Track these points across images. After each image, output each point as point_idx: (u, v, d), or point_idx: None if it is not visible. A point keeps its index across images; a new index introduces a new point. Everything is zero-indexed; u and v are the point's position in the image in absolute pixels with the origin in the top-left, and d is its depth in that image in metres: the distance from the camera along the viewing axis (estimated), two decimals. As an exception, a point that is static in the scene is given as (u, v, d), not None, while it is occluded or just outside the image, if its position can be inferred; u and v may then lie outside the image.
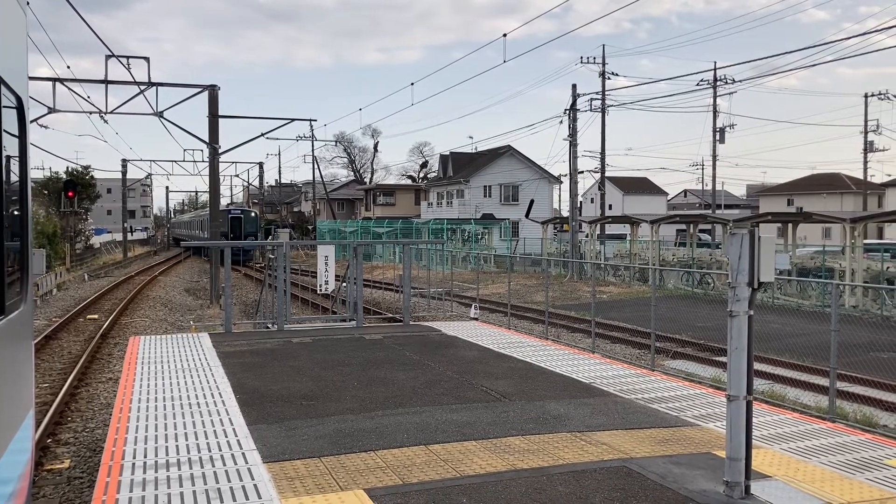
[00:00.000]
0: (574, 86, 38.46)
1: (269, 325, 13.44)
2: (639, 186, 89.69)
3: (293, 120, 34.41)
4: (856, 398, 12.03)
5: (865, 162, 54.77)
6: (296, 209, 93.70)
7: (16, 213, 4.41)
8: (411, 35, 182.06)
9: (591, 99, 43.27)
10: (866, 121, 53.51)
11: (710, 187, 53.58)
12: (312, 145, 51.60)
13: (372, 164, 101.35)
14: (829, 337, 10.56)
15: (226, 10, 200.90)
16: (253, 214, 53.85)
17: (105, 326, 20.47)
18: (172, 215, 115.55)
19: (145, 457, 5.61)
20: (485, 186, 63.21)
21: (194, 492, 4.91)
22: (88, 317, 23.44)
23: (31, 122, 5.62)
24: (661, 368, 14.34)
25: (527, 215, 52.61)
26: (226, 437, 6.15)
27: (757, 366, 11.08)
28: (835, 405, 10.62)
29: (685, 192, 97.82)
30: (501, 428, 6.40)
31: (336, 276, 13.93)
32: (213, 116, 28.93)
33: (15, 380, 4.14)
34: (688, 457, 5.69)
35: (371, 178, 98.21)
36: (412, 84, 33.99)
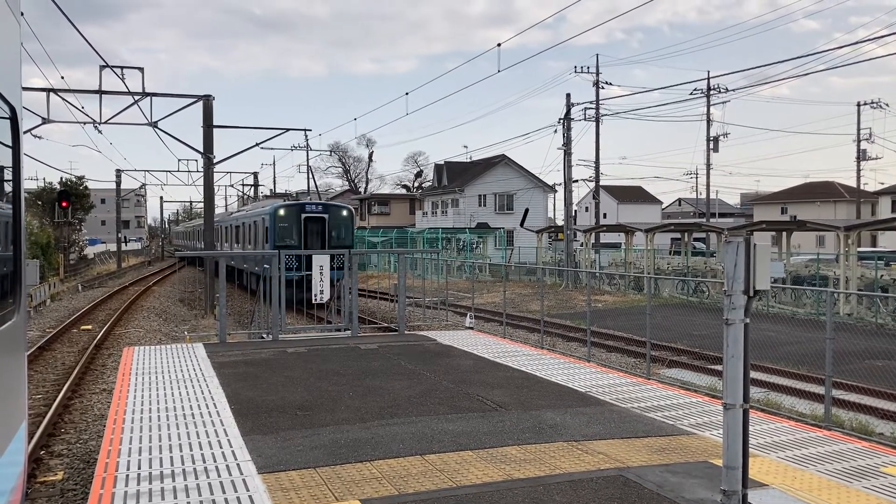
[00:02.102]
0: (568, 95, 38.61)
1: (264, 335, 13.40)
2: (633, 195, 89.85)
3: (288, 130, 34.34)
4: (851, 406, 12.03)
5: (858, 170, 55.07)
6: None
7: (9, 223, 4.39)
8: (405, 45, 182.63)
9: (585, 108, 43.39)
10: (859, 129, 53.81)
11: (704, 196, 53.75)
12: (307, 155, 50.24)
13: (367, 173, 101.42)
14: (824, 345, 10.57)
15: (219, 20, 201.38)
16: (345, 213, 30.85)
17: (99, 337, 20.38)
18: (167, 225, 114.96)
19: (139, 468, 5.57)
20: (479, 195, 63.28)
21: (189, 503, 4.88)
22: (82, 327, 23.35)
23: (25, 132, 5.61)
24: (657, 377, 14.33)
25: (521, 224, 52.66)
26: (220, 447, 6.11)
27: (752, 374, 11.09)
28: (830, 413, 10.62)
29: (679, 200, 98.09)
30: (497, 437, 6.38)
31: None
32: (208, 126, 28.94)
33: (8, 391, 4.11)
34: (684, 465, 5.67)
35: (366, 188, 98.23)
36: (406, 94, 34.03)
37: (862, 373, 13.53)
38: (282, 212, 29.47)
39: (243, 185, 61.51)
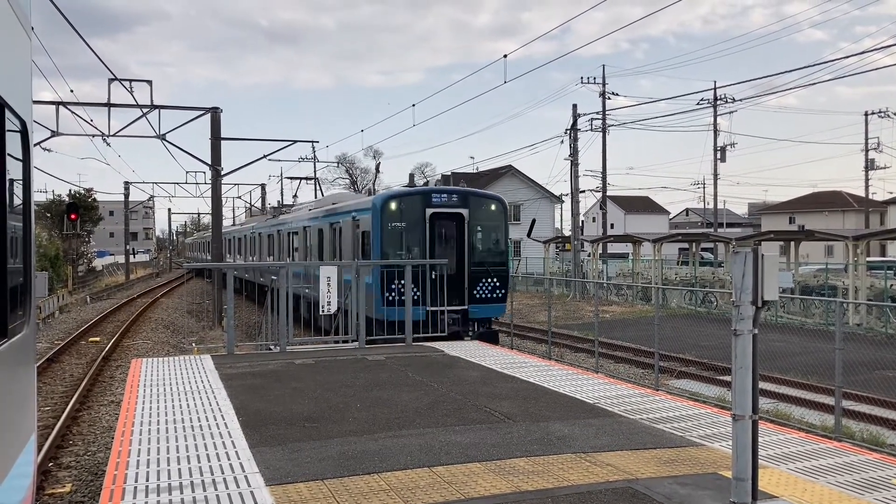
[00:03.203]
0: (574, 106, 38.70)
1: (272, 347, 13.41)
2: (640, 205, 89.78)
3: (295, 142, 34.45)
4: (862, 417, 11.96)
5: (867, 179, 54.97)
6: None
7: (19, 235, 4.42)
8: (411, 57, 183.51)
9: (592, 119, 43.50)
10: (867, 139, 53.75)
11: (711, 206, 53.65)
12: (315, 167, 49.96)
13: (374, 184, 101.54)
14: (833, 355, 10.52)
15: (226, 32, 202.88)
16: (494, 207, 19.15)
17: (107, 349, 20.44)
18: (175, 237, 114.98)
19: (147, 480, 5.57)
20: (486, 206, 63.14)
21: (197, 516, 4.87)
22: (90, 339, 23.41)
23: (35, 145, 5.64)
24: (666, 388, 14.28)
25: (528, 235, 52.51)
26: (228, 459, 6.11)
27: (762, 385, 11.00)
28: (841, 424, 10.55)
29: (687, 210, 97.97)
30: (505, 449, 6.36)
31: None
32: (216, 139, 29.08)
33: (17, 403, 4.12)
34: (693, 477, 5.64)
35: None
36: (413, 105, 34.13)
37: (872, 383, 13.45)
38: (393, 205, 17.92)
39: (301, 179, 53.11)
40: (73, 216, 38.89)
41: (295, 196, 50.23)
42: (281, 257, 29.31)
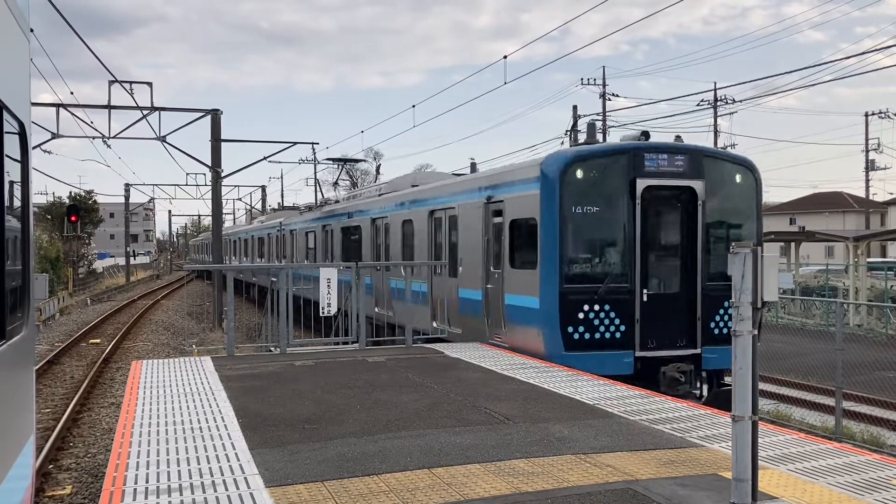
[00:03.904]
0: (575, 107, 38.76)
1: (272, 348, 13.41)
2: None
3: (295, 143, 34.50)
4: (862, 418, 11.97)
5: (867, 180, 54.96)
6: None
7: (18, 237, 4.42)
8: (412, 59, 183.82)
9: (593, 120, 43.47)
10: (867, 139, 53.77)
11: (712, 207, 53.63)
12: (315, 168, 49.60)
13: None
14: (834, 356, 10.52)
15: (226, 34, 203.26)
16: (738, 177, 11.25)
17: (107, 351, 20.44)
18: (176, 238, 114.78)
19: (147, 482, 5.57)
20: (487, 208, 62.95)
21: (196, 517, 4.86)
22: (91, 341, 23.42)
23: (35, 147, 5.66)
24: (666, 389, 14.22)
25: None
26: (228, 461, 6.11)
27: (762, 385, 10.96)
28: (841, 425, 10.56)
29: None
30: (505, 450, 6.35)
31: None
32: (216, 140, 29.11)
33: (16, 405, 4.12)
34: (693, 478, 5.64)
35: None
36: (413, 106, 33.91)
37: (873, 384, 13.45)
38: (580, 172, 11.04)
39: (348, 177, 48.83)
40: (73, 218, 38.96)
41: (336, 184, 43.66)
42: (331, 260, 22.17)
